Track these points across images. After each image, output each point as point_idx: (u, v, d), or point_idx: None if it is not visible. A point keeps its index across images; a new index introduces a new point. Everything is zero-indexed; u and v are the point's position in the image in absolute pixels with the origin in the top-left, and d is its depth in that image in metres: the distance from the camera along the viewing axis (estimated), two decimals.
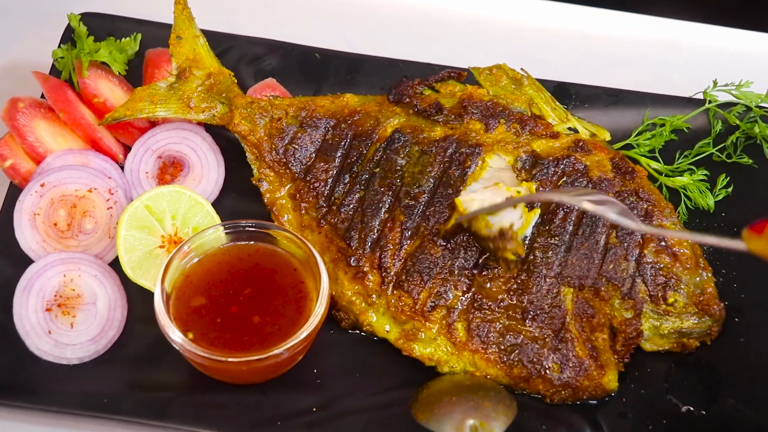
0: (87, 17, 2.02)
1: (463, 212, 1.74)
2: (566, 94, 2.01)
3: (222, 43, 2.02)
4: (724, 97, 1.97)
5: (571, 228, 1.79)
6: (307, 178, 1.86)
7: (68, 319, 1.78)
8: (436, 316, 1.75)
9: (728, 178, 1.92)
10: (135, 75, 2.01)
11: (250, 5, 2.18)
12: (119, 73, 2.01)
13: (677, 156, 1.95)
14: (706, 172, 1.92)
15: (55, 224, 1.86)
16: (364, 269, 1.78)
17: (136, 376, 1.75)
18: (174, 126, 1.95)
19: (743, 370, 1.74)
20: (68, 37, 2.02)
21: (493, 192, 1.73)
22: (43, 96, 1.97)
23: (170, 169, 1.94)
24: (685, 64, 2.09)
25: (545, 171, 1.83)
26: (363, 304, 1.78)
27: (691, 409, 1.72)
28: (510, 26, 2.15)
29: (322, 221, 1.83)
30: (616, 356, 1.75)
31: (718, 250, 1.86)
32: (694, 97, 1.99)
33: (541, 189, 1.80)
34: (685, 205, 1.90)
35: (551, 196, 1.72)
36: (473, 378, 1.72)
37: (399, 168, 1.85)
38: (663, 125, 1.97)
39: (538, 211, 1.75)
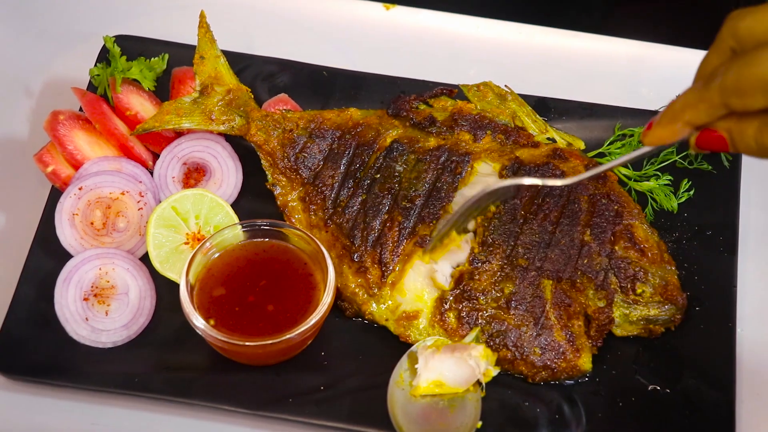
0: (120, 39, 2.02)
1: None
2: (546, 107, 1.99)
3: (240, 62, 2.01)
4: None
5: (550, 227, 1.78)
6: (316, 183, 1.86)
7: (103, 308, 1.78)
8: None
9: (690, 182, 1.91)
10: (163, 91, 2.00)
11: (265, 29, 2.17)
12: (149, 89, 2.00)
13: (645, 163, 1.93)
14: (670, 177, 1.90)
15: (92, 223, 1.86)
16: (366, 264, 1.78)
17: (164, 358, 1.75)
18: (197, 136, 1.94)
19: (703, 354, 1.74)
20: (104, 56, 2.01)
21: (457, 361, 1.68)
22: (81, 109, 1.96)
23: (194, 174, 1.93)
24: (652, 81, 2.08)
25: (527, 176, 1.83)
26: (365, 295, 1.78)
27: (657, 388, 1.72)
28: (496, 47, 2.14)
29: (328, 221, 1.83)
30: (590, 341, 1.74)
31: (681, 246, 1.85)
32: (660, 110, 1.91)
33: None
34: (651, 207, 1.89)
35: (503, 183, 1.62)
36: None
37: (397, 174, 1.84)
38: (632, 135, 1.94)
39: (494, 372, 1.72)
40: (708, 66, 1.31)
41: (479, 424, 1.67)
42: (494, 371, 1.70)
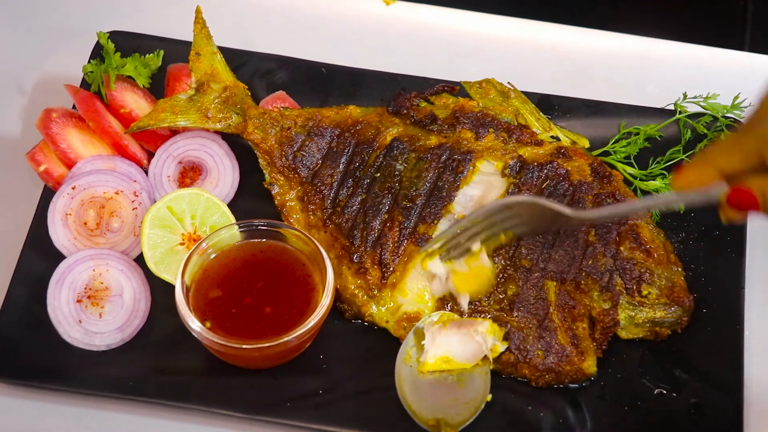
0: (114, 35, 2.01)
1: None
2: (549, 105, 1.99)
3: (237, 59, 2.01)
4: (693, 108, 1.96)
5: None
6: (314, 182, 1.86)
7: (97, 310, 1.78)
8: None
9: None
10: (158, 88, 2.00)
11: (262, 25, 2.18)
12: (143, 86, 2.00)
13: (650, 162, 1.93)
14: None
15: (85, 223, 1.86)
16: (366, 265, 1.78)
17: (159, 362, 1.75)
18: (193, 134, 1.94)
19: (710, 357, 1.74)
20: (97, 53, 2.01)
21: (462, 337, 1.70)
22: (74, 107, 1.96)
23: (190, 173, 1.93)
24: (658, 78, 2.09)
25: (530, 175, 1.83)
26: (365, 296, 1.78)
27: (663, 391, 1.72)
28: (498, 44, 2.15)
29: (327, 221, 1.83)
30: (595, 344, 1.74)
31: (688, 247, 1.85)
32: (666, 108, 1.99)
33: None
34: None
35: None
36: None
37: (398, 173, 1.84)
38: (637, 134, 1.95)
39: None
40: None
41: (489, 397, 1.68)
42: (501, 347, 1.70)
